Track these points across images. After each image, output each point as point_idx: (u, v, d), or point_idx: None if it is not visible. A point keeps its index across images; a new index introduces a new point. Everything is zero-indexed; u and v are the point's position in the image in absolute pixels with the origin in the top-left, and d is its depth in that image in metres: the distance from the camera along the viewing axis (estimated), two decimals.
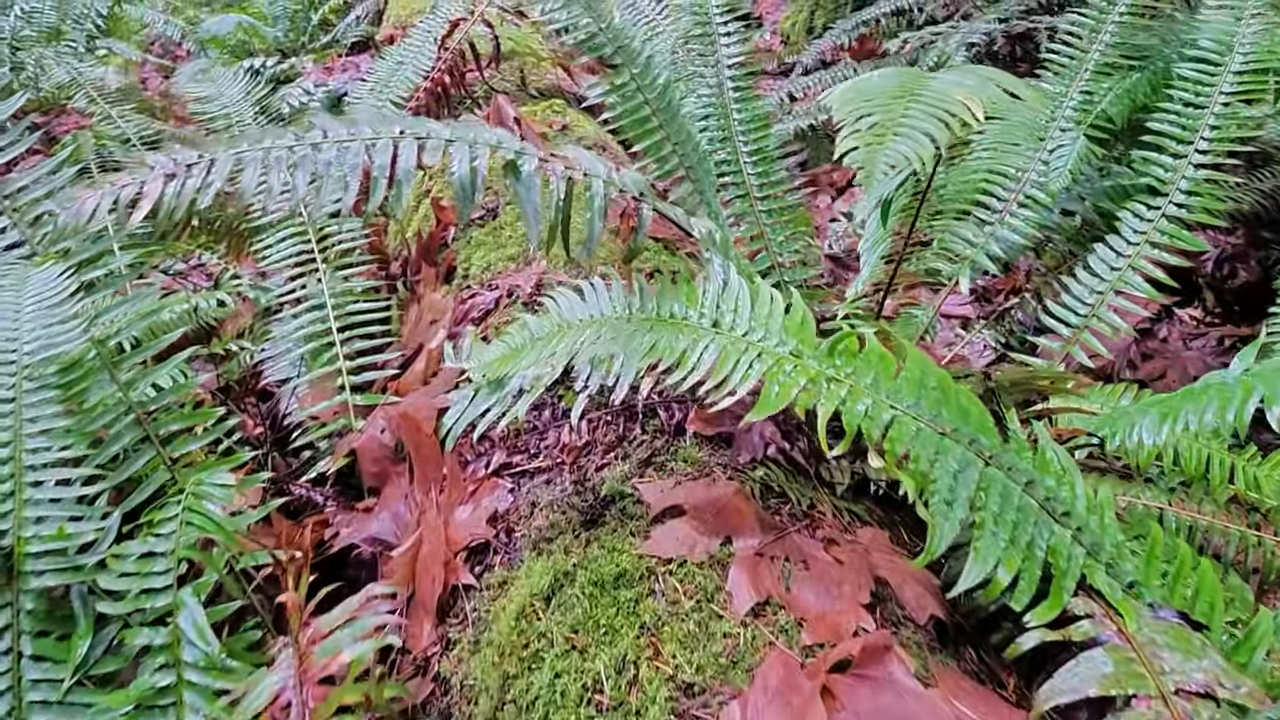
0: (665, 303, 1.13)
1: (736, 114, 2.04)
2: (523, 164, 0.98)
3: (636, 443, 1.34)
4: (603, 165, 1.08)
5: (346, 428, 1.81)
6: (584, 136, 2.75)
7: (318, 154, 0.89)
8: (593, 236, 1.00)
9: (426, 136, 0.95)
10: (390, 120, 0.96)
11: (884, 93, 0.81)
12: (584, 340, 1.13)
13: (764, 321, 1.10)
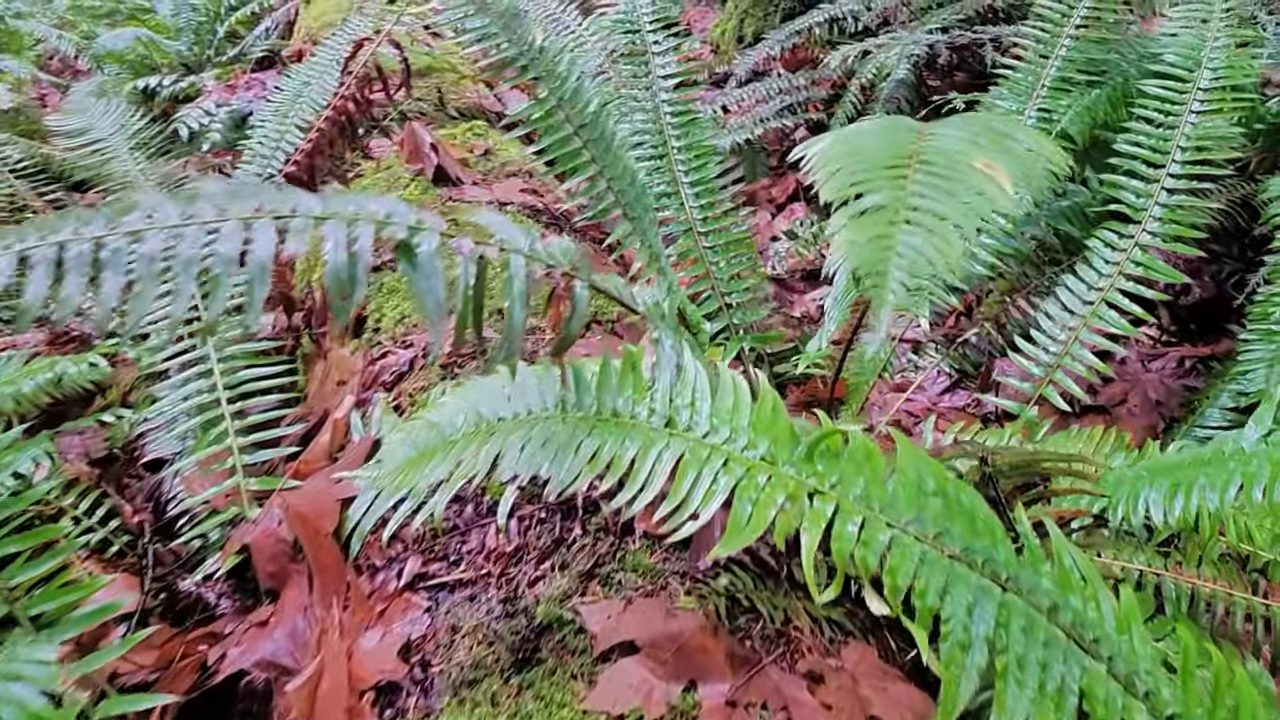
0: (607, 396, 0.93)
1: (675, 141, 1.85)
2: (419, 243, 0.76)
3: (576, 547, 1.13)
4: (523, 234, 0.87)
5: (240, 517, 1.57)
6: (509, 162, 2.53)
7: (137, 247, 0.67)
8: (514, 334, 0.79)
9: (290, 215, 0.73)
10: (242, 194, 0.74)
11: (878, 158, 0.62)
12: (508, 446, 0.92)
13: (728, 417, 0.90)
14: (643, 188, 1.65)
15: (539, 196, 2.32)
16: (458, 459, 0.93)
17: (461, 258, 0.79)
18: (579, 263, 0.90)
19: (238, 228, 0.71)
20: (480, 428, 0.96)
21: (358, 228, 0.75)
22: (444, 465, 0.94)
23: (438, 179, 2.33)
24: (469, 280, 0.78)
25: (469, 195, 2.26)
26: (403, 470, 1.00)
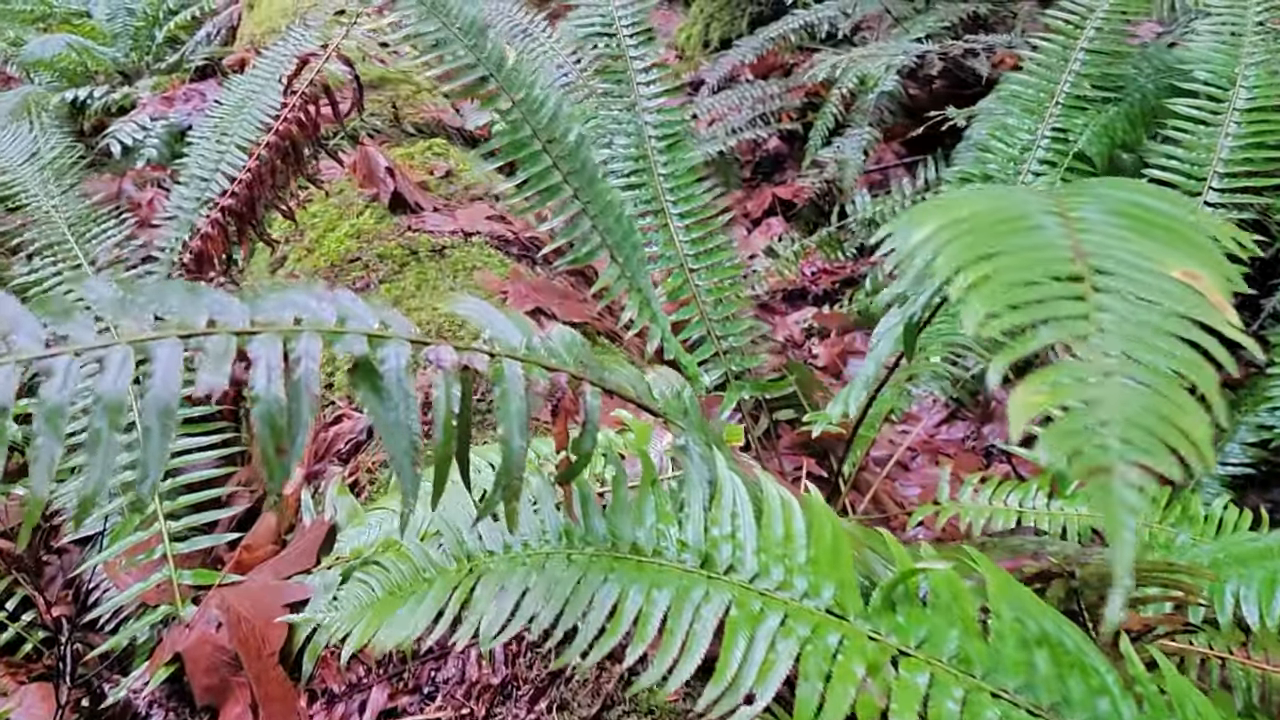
0: (623, 523, 0.74)
1: (661, 167, 1.66)
2: (384, 359, 0.57)
3: (578, 682, 0.93)
4: (515, 328, 0.68)
5: (172, 616, 1.35)
6: (472, 185, 2.32)
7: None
8: (513, 468, 0.60)
9: (204, 333, 0.52)
10: (134, 304, 0.53)
11: (1028, 262, 0.44)
12: (502, 595, 0.72)
13: (779, 553, 0.71)
14: (630, 223, 1.46)
15: (507, 224, 2.12)
16: (436, 608, 0.73)
17: (440, 373, 0.59)
18: (585, 359, 0.71)
19: (123, 355, 0.50)
20: (462, 563, 0.76)
21: (300, 343, 0.55)
22: (418, 615, 0.73)
23: (395, 205, 2.12)
24: (452, 405, 0.58)
25: (430, 224, 2.05)
26: (365, 616, 0.79)
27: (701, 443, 0.77)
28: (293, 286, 0.60)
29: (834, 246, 2.96)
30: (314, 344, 0.55)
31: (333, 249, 2.02)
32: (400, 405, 0.56)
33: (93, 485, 0.46)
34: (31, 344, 0.49)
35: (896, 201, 2.87)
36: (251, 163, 1.71)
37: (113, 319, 0.52)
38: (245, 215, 1.72)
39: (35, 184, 1.71)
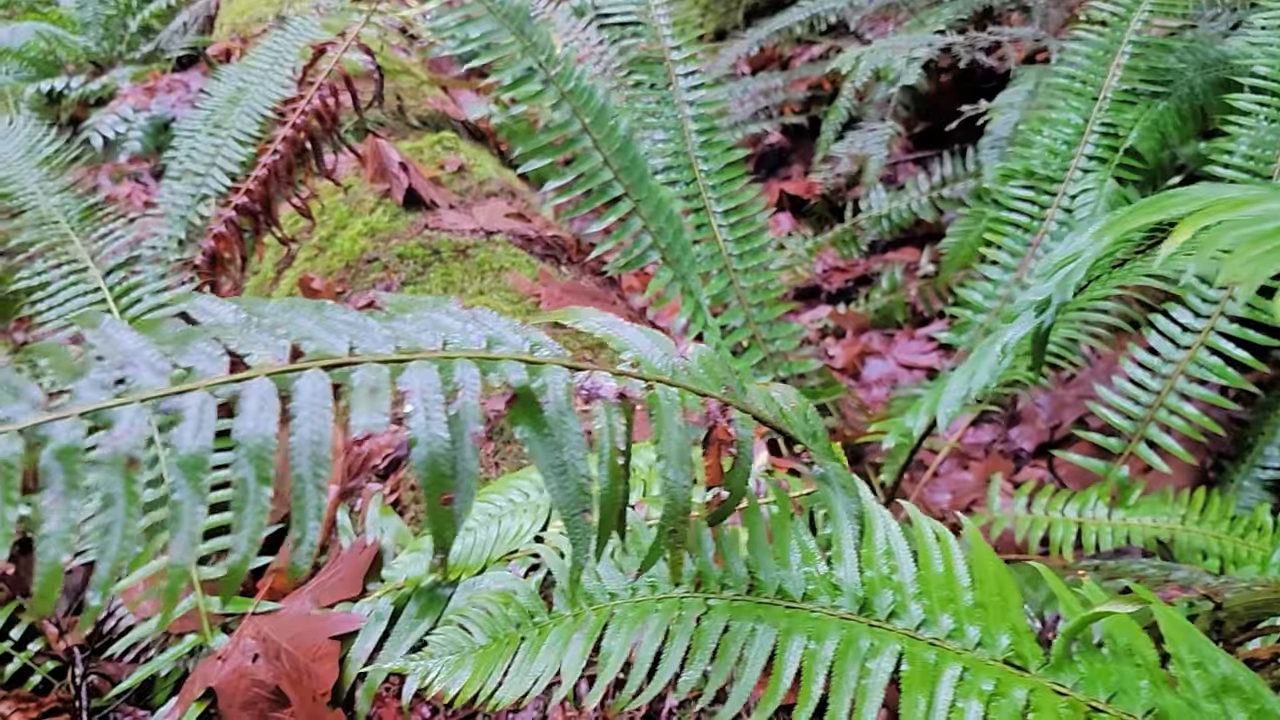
0: (766, 565, 0.66)
1: (703, 164, 1.58)
2: (546, 392, 0.48)
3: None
4: (657, 347, 0.60)
5: (201, 647, 1.25)
6: (486, 180, 2.23)
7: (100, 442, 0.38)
8: (677, 511, 0.52)
9: (348, 362, 0.44)
10: (262, 325, 0.45)
11: None
12: (636, 646, 0.64)
13: (944, 596, 0.64)
14: (680, 223, 1.38)
15: (527, 221, 2.03)
16: (555, 660, 0.65)
17: (601, 403, 0.51)
18: (728, 380, 0.63)
19: (266, 392, 0.42)
20: (580, 607, 0.68)
21: (456, 372, 0.46)
22: (538, 666, 0.65)
23: (409, 202, 2.02)
24: (617, 440, 0.50)
25: (448, 222, 1.96)
26: (468, 664, 0.71)
27: (840, 470, 0.69)
28: (423, 302, 0.51)
29: (848, 243, 2.90)
30: (471, 373, 0.47)
31: (346, 248, 1.92)
32: (567, 444, 0.48)
33: (242, 552, 0.38)
34: (154, 379, 0.41)
35: (912, 198, 2.81)
36: (267, 158, 1.61)
37: (239, 346, 0.44)
38: (260, 213, 1.62)
39: (33, 181, 1.59)
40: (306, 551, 0.40)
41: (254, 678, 1.17)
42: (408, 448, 1.34)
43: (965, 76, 3.14)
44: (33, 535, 1.12)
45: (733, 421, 0.60)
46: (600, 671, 0.63)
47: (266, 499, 0.40)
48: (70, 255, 1.47)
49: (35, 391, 0.40)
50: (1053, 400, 2.27)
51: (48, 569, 0.37)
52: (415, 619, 1.06)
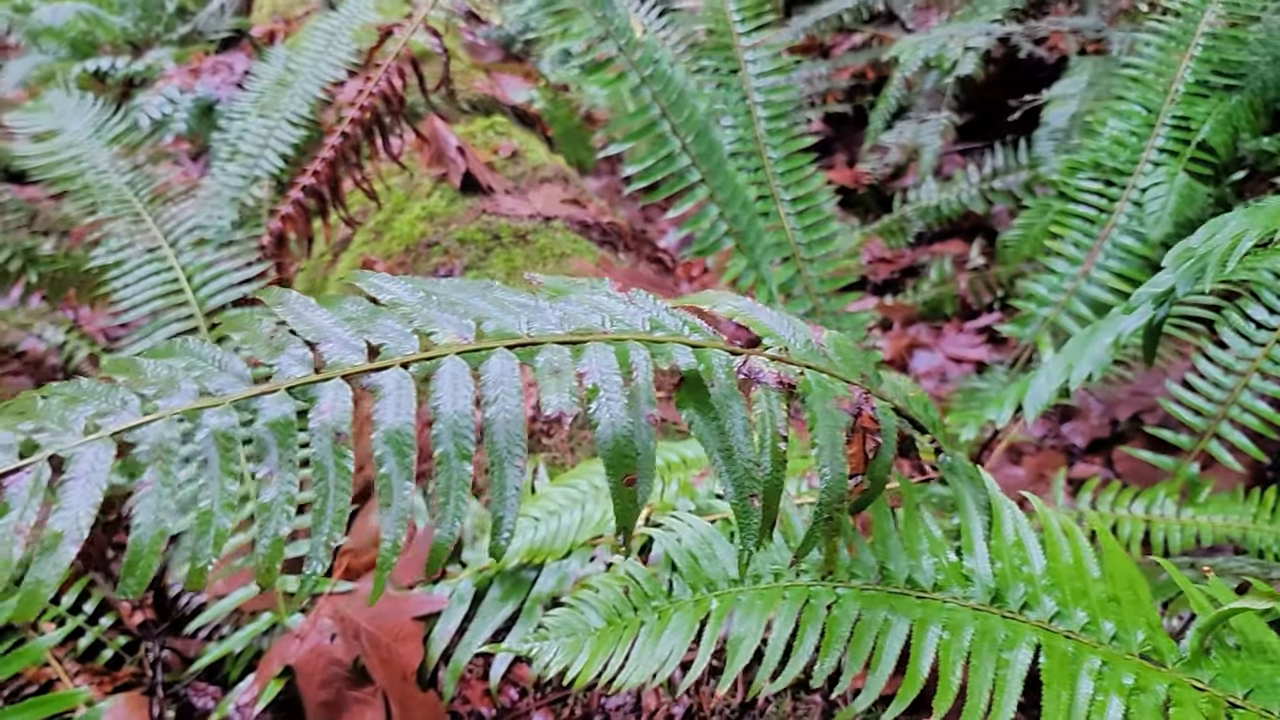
0: (895, 555, 0.66)
1: (771, 151, 1.57)
2: (713, 375, 0.48)
3: (772, 716, 0.86)
4: (796, 330, 0.59)
5: (278, 625, 1.26)
6: (540, 165, 2.23)
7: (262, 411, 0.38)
8: (835, 508, 0.52)
9: (529, 342, 0.44)
10: (441, 303, 0.45)
11: None
12: (753, 627, 0.64)
13: (1076, 589, 0.63)
14: (755, 212, 1.38)
15: (583, 208, 2.02)
16: (685, 641, 0.65)
17: (761, 389, 0.51)
18: (865, 367, 0.62)
19: (458, 370, 0.42)
20: (702, 593, 0.68)
21: (632, 354, 0.46)
22: (661, 649, 0.65)
23: (466, 187, 2.02)
24: (778, 426, 0.50)
25: (505, 207, 1.95)
26: (585, 647, 0.71)
27: (966, 462, 0.69)
28: (580, 284, 0.51)
29: (895, 234, 2.88)
30: (642, 355, 0.47)
31: (405, 232, 1.92)
32: (733, 428, 0.48)
33: (448, 529, 0.38)
34: (349, 355, 0.41)
35: (962, 189, 2.78)
36: (334, 139, 1.61)
37: (422, 324, 0.44)
38: (327, 195, 1.62)
39: (104, 160, 1.60)
40: (507, 533, 0.40)
41: (332, 656, 1.18)
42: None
43: (1012, 67, 3.10)
44: (118, 514, 1.13)
45: (877, 416, 0.59)
46: (731, 658, 0.62)
47: (468, 473, 0.40)
48: (144, 234, 1.48)
49: (239, 364, 0.40)
50: (1106, 396, 2.25)
51: (271, 540, 0.37)
52: (499, 601, 1.06)
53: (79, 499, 0.35)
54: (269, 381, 0.39)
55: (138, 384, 0.39)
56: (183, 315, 1.43)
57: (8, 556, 0.34)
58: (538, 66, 3.67)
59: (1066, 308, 1.73)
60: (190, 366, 0.39)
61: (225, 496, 0.37)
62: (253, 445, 0.38)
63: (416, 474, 1.29)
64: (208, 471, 0.37)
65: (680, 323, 0.51)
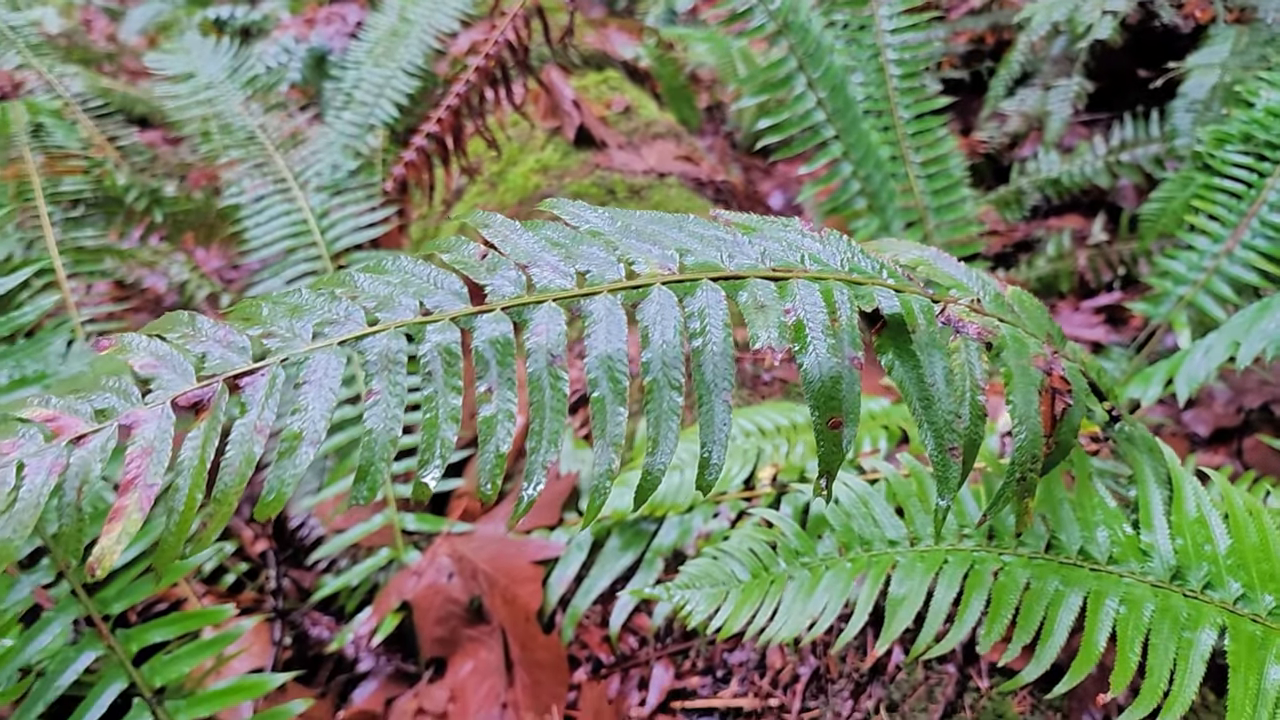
0: (1066, 525, 0.63)
1: (903, 109, 1.52)
2: (916, 321, 0.46)
3: (903, 680, 0.84)
4: (983, 283, 0.57)
5: (394, 561, 1.29)
6: (652, 121, 2.20)
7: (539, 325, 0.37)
8: (1028, 467, 0.49)
9: (733, 276, 0.43)
10: (641, 234, 0.44)
11: None
12: (913, 589, 0.62)
13: (1259, 568, 0.60)
14: (888, 173, 1.33)
15: (695, 165, 2.00)
16: (841, 598, 0.63)
17: (959, 338, 0.48)
18: (1048, 326, 0.59)
19: (665, 301, 0.40)
20: (857, 551, 0.66)
21: (834, 293, 0.44)
22: (814, 605, 0.64)
23: (579, 140, 2.01)
24: (977, 377, 0.47)
25: (618, 161, 1.94)
26: (730, 598, 0.70)
27: (1146, 433, 0.65)
28: (773, 221, 0.50)
29: (1010, 206, 2.77)
30: (845, 295, 0.45)
31: (519, 184, 1.93)
32: (934, 376, 0.46)
33: (661, 459, 0.37)
34: (557, 279, 0.40)
35: (1087, 161, 2.65)
36: (459, 87, 1.62)
37: (623, 254, 0.43)
38: (449, 143, 1.64)
39: (238, 102, 1.64)
40: (716, 468, 0.39)
41: (448, 594, 1.20)
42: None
43: (1144, 35, 2.93)
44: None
45: (1064, 370, 0.56)
46: (890, 617, 0.61)
47: (679, 404, 0.39)
48: (275, 176, 1.51)
49: (456, 282, 0.40)
50: (1232, 385, 2.14)
51: (494, 455, 0.36)
52: (619, 551, 1.06)
53: (315, 402, 0.35)
54: (485, 301, 0.39)
55: (358, 298, 0.39)
56: (311, 255, 1.46)
57: (249, 453, 0.34)
58: (643, 22, 3.63)
59: (1206, 287, 1.64)
60: (406, 284, 0.39)
61: (449, 409, 0.37)
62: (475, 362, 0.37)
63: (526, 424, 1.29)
64: (433, 384, 0.37)
65: (876, 266, 0.49)
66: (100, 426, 0.34)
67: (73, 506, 0.33)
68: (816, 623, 0.63)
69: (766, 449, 1.02)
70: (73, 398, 0.35)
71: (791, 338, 0.42)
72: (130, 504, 0.33)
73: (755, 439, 1.04)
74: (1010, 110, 2.77)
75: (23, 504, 0.32)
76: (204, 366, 0.36)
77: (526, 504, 0.38)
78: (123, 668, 0.88)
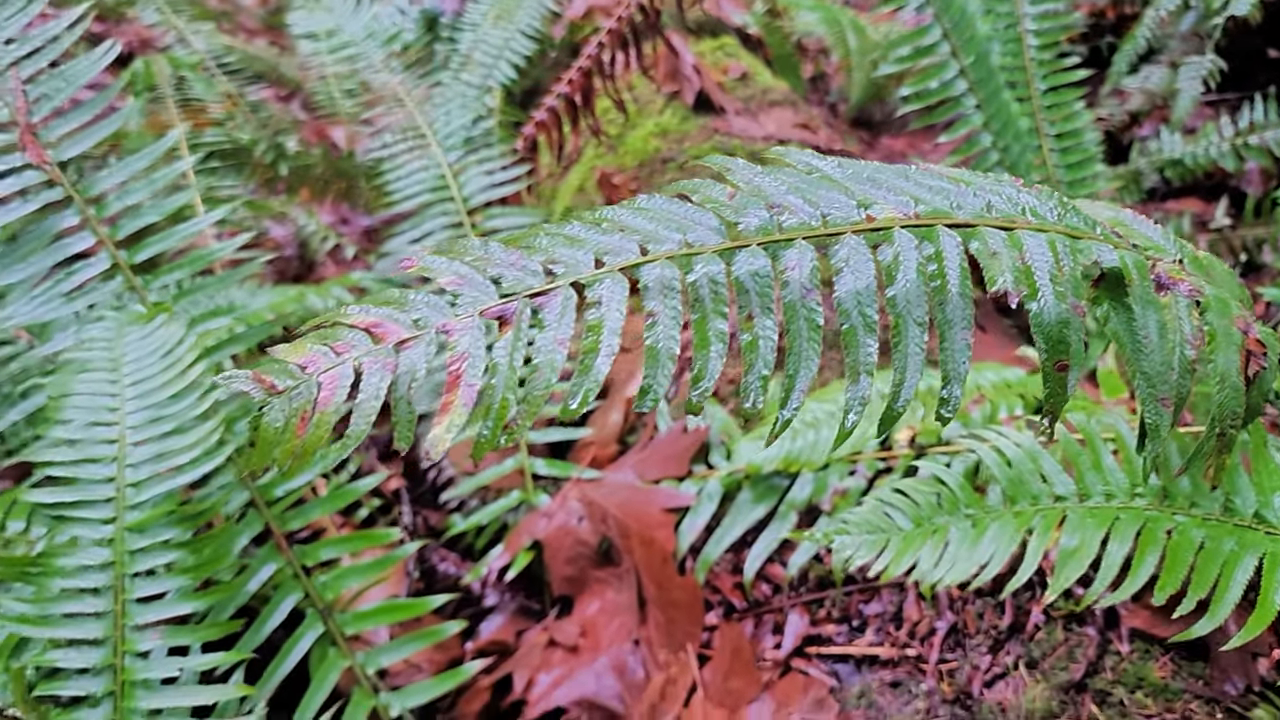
0: (1241, 488, 0.64)
1: (1040, 80, 1.49)
2: (1132, 276, 0.48)
3: (1043, 640, 0.86)
4: (1168, 240, 0.58)
5: (524, 503, 1.35)
6: (769, 88, 2.21)
7: None
8: (1228, 423, 0.51)
9: (966, 224, 0.45)
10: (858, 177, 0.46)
11: None
12: (1082, 542, 0.64)
13: None
14: (1027, 145, 1.32)
15: (813, 133, 2.00)
16: (1003, 549, 0.66)
17: (1169, 294, 0.50)
18: (1242, 295, 0.60)
19: (906, 244, 0.43)
20: (1024, 505, 0.69)
21: (1057, 244, 0.47)
22: (977, 553, 0.67)
23: (698, 105, 2.03)
24: (1187, 335, 0.49)
25: (736, 127, 1.96)
26: (893, 546, 0.73)
27: None
28: (985, 176, 0.52)
29: (1126, 187, 2.69)
30: (1065, 247, 0.47)
31: (638, 147, 1.96)
32: (1147, 331, 0.47)
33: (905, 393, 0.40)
34: (802, 218, 0.43)
35: (1212, 143, 2.56)
36: (590, 49, 1.65)
37: (861, 198, 0.46)
38: (579, 102, 1.67)
39: (379, 59, 1.71)
40: (954, 402, 0.41)
41: (578, 536, 1.25)
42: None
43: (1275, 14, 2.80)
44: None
45: (1258, 333, 0.57)
46: (1060, 567, 0.63)
47: (924, 341, 0.42)
48: (415, 132, 1.57)
49: (713, 220, 0.43)
50: None
51: (758, 377, 0.40)
52: (752, 503, 1.10)
53: (608, 319, 0.39)
54: (740, 238, 0.42)
55: (625, 232, 0.42)
56: (448, 210, 1.52)
57: (553, 361, 0.38)
58: None
59: None
60: (667, 220, 0.43)
61: (716, 332, 0.40)
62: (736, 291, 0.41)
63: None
64: (702, 309, 0.40)
65: (1090, 223, 0.51)
66: (419, 333, 0.39)
67: (404, 400, 0.38)
68: (985, 569, 0.65)
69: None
70: (390, 309, 0.40)
71: (1024, 283, 0.44)
72: (456, 400, 0.37)
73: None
74: (1132, 87, 2.68)
75: (364, 397, 0.37)
76: (501, 286, 0.40)
77: (782, 424, 0.41)
78: (298, 581, 0.95)
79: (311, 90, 2.78)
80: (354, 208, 2.79)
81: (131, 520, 0.75)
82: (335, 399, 0.37)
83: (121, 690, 0.71)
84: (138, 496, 0.76)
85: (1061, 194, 0.53)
